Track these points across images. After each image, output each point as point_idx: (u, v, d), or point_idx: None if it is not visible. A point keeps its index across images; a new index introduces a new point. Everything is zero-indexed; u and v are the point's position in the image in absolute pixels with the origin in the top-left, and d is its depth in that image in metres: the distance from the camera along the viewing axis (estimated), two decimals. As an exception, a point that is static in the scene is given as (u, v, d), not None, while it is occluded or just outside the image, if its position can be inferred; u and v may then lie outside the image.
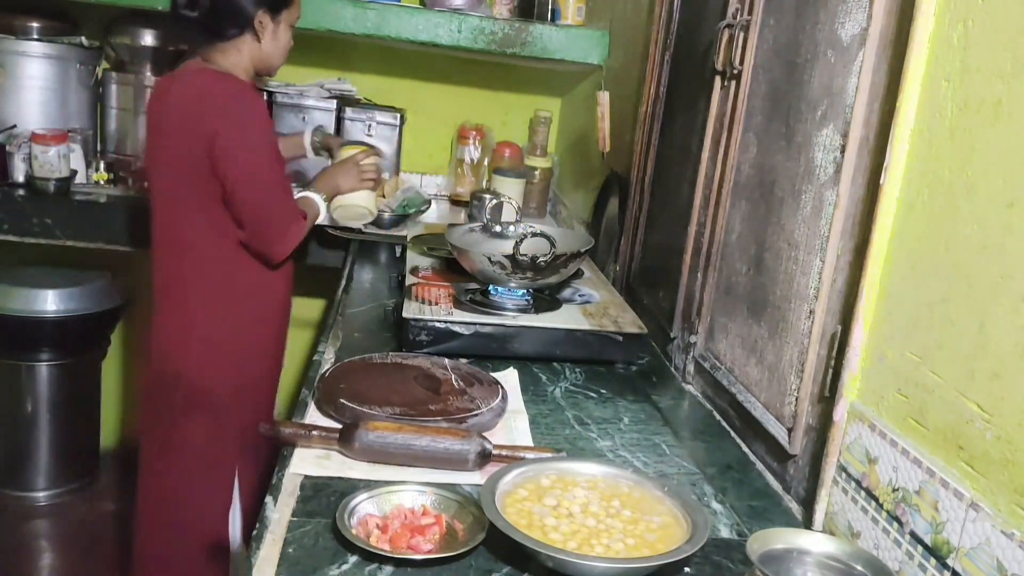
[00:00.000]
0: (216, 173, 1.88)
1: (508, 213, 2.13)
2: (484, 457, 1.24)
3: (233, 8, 1.92)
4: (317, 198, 2.10)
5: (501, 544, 1.03)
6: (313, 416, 1.38)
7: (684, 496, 1.13)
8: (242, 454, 1.99)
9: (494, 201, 2.23)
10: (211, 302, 1.99)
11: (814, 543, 1.00)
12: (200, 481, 2.00)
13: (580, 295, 1.93)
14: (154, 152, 1.98)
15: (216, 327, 2.00)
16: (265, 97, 2.98)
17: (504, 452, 1.26)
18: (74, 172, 2.77)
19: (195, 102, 1.89)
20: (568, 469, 1.19)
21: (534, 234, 1.85)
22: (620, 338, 1.74)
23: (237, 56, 1.96)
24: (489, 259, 1.74)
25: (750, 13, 1.56)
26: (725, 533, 1.18)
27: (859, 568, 0.96)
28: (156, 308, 2.04)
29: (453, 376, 1.51)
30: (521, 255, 1.71)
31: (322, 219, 2.15)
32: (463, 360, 1.63)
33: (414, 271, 1.99)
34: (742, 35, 1.58)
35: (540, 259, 1.71)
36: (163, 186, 1.98)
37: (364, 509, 1.10)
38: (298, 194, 2.08)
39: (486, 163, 3.18)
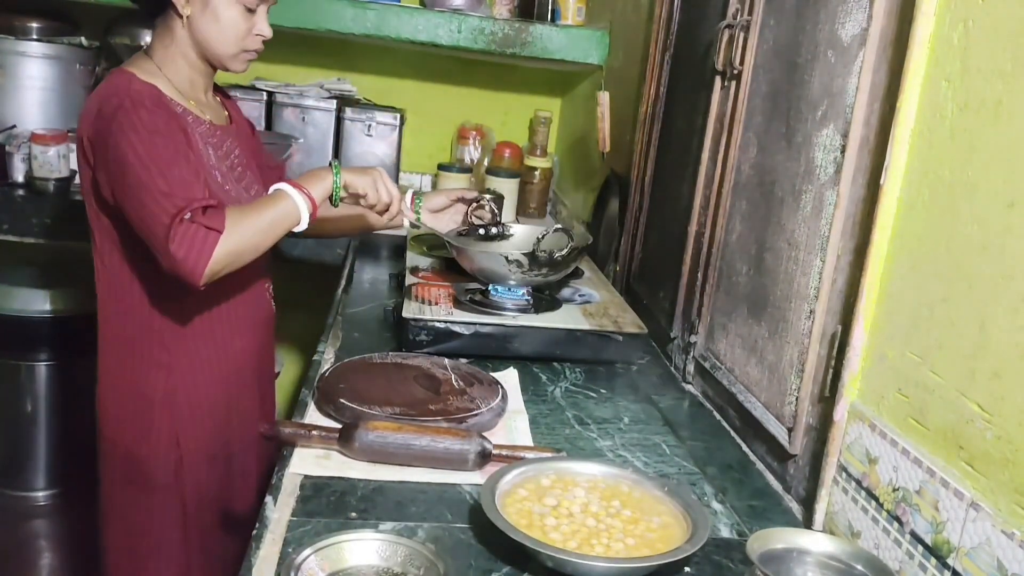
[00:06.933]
0: (102, 192, 1.54)
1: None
2: (484, 457, 1.24)
3: None
4: (291, 192, 1.51)
5: (501, 544, 1.03)
6: (313, 416, 1.38)
7: (684, 496, 1.13)
8: (203, 533, 1.71)
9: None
10: (143, 357, 1.63)
11: (814, 543, 1.00)
12: (145, 561, 1.70)
13: (580, 295, 1.93)
14: None
15: (151, 387, 1.63)
16: (264, 97, 2.97)
17: (504, 452, 1.26)
18: (74, 172, 2.76)
19: (82, 116, 1.59)
20: (568, 469, 1.19)
21: (555, 231, 1.82)
22: (620, 338, 1.74)
23: (172, 42, 1.60)
24: (506, 258, 1.73)
25: (750, 13, 1.56)
26: (725, 533, 1.18)
27: (859, 568, 0.97)
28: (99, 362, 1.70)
29: (453, 376, 1.51)
30: (541, 251, 1.70)
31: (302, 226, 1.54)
32: (463, 360, 1.63)
33: (414, 271, 1.99)
34: (742, 35, 1.58)
35: (557, 254, 1.71)
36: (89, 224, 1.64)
37: (308, 568, 0.95)
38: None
39: (486, 163, 3.18)
